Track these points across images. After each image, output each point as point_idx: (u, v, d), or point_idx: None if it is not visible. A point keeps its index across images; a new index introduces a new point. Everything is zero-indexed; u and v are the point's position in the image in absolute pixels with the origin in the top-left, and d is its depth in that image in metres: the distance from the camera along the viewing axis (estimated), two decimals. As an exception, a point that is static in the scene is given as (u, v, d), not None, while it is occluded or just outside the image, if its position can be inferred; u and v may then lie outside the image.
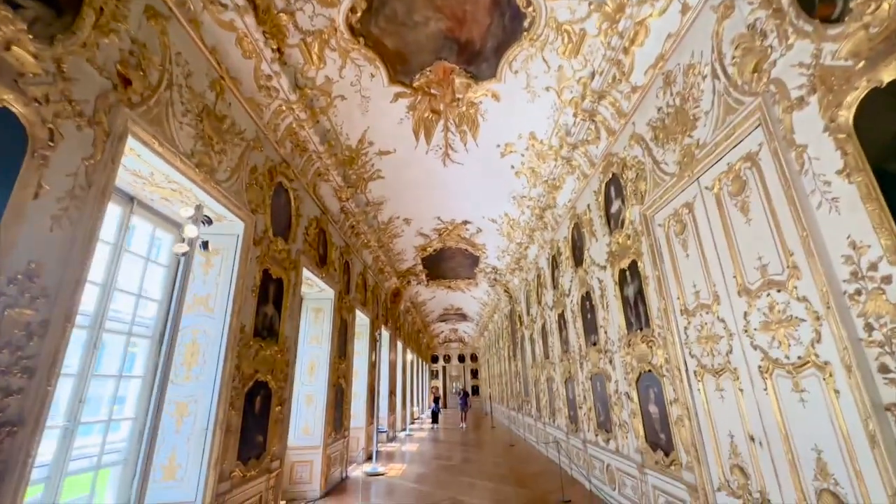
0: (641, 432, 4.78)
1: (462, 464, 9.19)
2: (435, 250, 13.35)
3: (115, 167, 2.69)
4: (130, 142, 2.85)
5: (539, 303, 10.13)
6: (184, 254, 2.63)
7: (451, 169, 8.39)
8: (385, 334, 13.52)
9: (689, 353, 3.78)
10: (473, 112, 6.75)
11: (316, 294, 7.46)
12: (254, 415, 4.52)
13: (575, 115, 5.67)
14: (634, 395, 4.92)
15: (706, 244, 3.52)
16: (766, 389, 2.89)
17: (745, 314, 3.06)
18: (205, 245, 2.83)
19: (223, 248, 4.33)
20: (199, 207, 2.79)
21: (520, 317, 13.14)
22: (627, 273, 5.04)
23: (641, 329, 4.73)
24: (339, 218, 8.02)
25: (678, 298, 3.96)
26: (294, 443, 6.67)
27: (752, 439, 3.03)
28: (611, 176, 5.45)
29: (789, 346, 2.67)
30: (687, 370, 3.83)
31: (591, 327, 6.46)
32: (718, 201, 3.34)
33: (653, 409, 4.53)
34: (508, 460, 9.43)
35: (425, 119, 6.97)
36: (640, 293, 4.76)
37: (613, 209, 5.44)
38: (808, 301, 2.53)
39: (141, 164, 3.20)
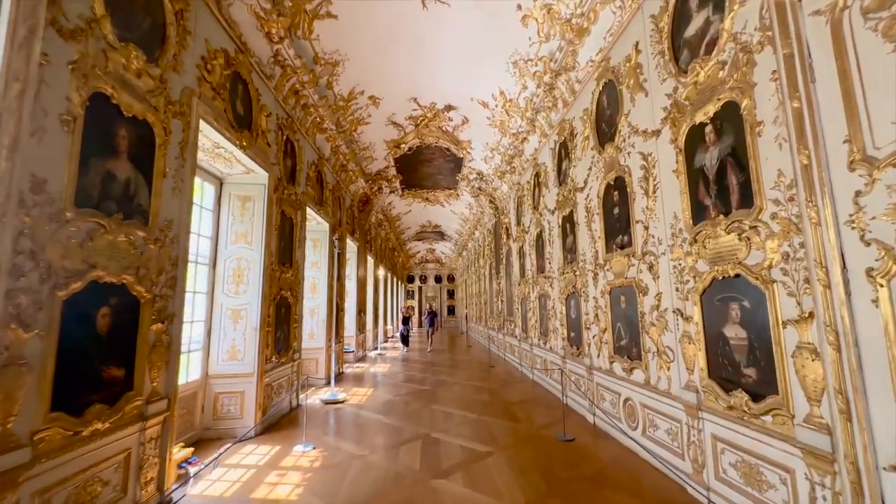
0: (702, 363, 3.28)
1: (436, 388, 8.01)
2: (410, 148, 11.14)
3: None
4: None
5: (536, 208, 8.37)
6: None
7: (432, 13, 5.98)
8: (352, 246, 11.73)
9: (862, 235, 2.08)
10: None
11: (240, 175, 5.37)
12: (94, 336, 2.70)
13: None
14: (696, 312, 3.34)
15: None
16: None
17: None
18: None
19: (-34, 18, 2.14)
20: None
21: (507, 229, 11.48)
22: (710, 129, 3.18)
23: (728, 213, 3.00)
24: (273, 71, 5.64)
25: (847, 141, 2.15)
26: (216, 370, 5.04)
27: None
28: (693, -28, 3.34)
29: None
30: (844, 268, 2.15)
31: (618, 225, 4.75)
32: None
33: (734, 332, 2.96)
34: (490, 384, 8.32)
35: None
36: (732, 154, 2.95)
37: (692, 30, 3.41)
38: None
39: None
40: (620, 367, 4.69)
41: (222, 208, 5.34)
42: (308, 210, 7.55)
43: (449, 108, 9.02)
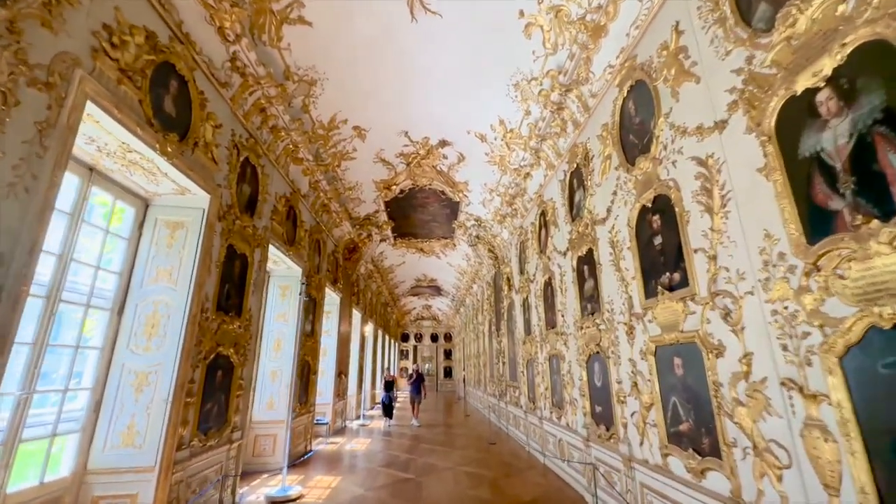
0: (864, 478, 1.86)
1: (423, 476, 6.28)
2: (402, 191, 10.23)
3: None
4: None
5: (542, 252, 7.20)
6: None
7: (423, 27, 5.25)
8: (333, 297, 10.40)
9: None
10: None
11: (171, 196, 4.21)
12: None
13: None
14: (836, 387, 1.99)
15: None
16: None
17: None
18: None
19: None
20: None
21: (509, 279, 10.24)
22: (827, 94, 2.07)
23: (890, 216, 1.79)
24: (230, 78, 4.72)
25: None
26: (100, 462, 3.52)
27: None
28: None
29: None
30: None
31: (662, 259, 3.52)
32: None
33: (938, 427, 1.62)
34: (490, 471, 6.59)
35: None
36: (887, 121, 1.81)
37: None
38: None
39: None
40: (683, 465, 3.21)
41: (143, 236, 4.13)
42: (274, 251, 6.36)
43: (443, 143, 8.17)
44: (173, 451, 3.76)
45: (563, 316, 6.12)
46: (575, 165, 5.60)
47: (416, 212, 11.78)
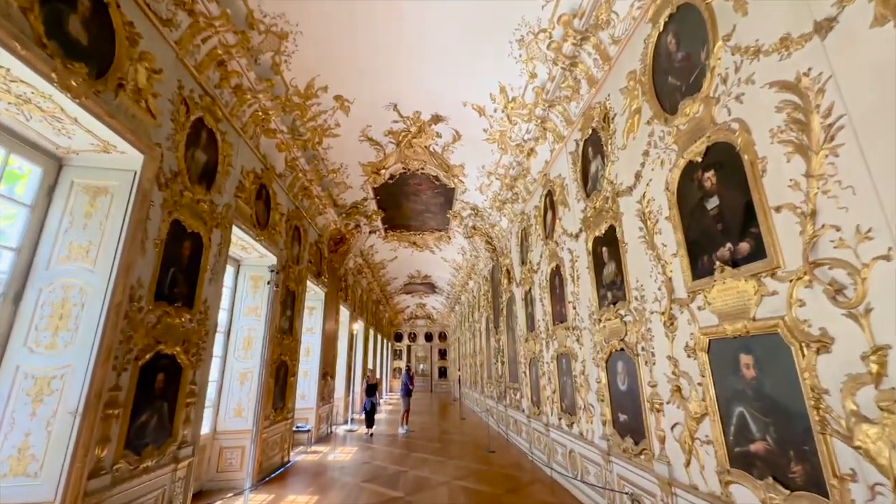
0: None
1: (414, 493, 5.44)
2: (392, 176, 9.37)
3: None
4: None
5: (548, 237, 6.38)
6: None
7: (411, -33, 4.40)
8: (318, 292, 9.52)
9: None
10: None
11: (91, 154, 3.32)
12: None
13: None
14: None
15: None
16: None
17: None
18: None
19: None
20: None
21: (508, 271, 9.42)
22: None
23: None
24: (174, 15, 3.80)
25: None
26: (-26, 498, 2.65)
27: None
28: None
29: None
30: None
31: (720, 226, 2.69)
32: None
33: None
34: (491, 487, 5.76)
35: None
36: None
37: None
38: None
39: None
40: (757, 499, 2.39)
41: (53, 204, 3.25)
42: (241, 234, 5.49)
43: (436, 118, 7.32)
44: (83, 478, 2.88)
45: (574, 308, 5.31)
46: (590, 131, 4.79)
47: (407, 200, 10.95)
